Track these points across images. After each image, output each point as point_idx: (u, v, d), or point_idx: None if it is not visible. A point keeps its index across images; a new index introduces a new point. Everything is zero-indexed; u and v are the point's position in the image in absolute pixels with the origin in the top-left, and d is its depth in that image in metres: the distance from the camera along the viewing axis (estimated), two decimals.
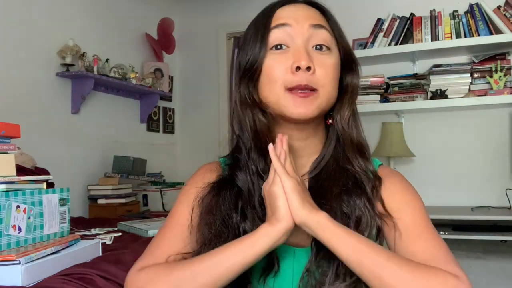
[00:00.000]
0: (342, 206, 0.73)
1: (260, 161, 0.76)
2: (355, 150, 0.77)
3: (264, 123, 0.75)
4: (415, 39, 2.79)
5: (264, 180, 0.74)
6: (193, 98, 3.75)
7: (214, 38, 3.67)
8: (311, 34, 0.74)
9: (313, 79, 0.71)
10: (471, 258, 2.70)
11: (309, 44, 0.74)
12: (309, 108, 0.72)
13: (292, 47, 0.73)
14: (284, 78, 0.72)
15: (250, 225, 0.72)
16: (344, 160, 0.77)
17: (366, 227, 0.71)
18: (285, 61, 0.72)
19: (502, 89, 2.60)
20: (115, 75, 2.90)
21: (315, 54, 0.73)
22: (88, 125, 2.84)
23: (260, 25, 0.76)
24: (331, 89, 0.74)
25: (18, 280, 0.89)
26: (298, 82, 0.71)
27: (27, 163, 1.88)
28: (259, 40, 0.75)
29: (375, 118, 2.92)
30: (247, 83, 0.77)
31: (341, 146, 0.78)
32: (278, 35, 0.74)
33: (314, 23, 0.74)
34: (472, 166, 2.82)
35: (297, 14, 0.75)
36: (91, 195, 2.73)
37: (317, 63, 0.72)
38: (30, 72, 2.47)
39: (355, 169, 0.76)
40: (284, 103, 0.72)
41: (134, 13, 3.33)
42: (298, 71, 0.71)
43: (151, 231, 1.59)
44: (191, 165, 4.08)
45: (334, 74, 0.74)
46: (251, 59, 0.75)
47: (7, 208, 0.96)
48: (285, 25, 0.74)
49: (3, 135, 1.05)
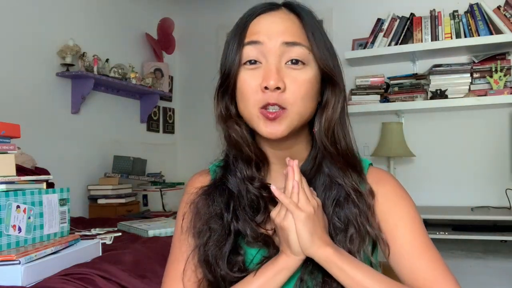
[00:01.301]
0: (334, 221, 0.73)
1: (246, 169, 0.77)
2: (345, 164, 0.76)
3: (240, 134, 0.76)
4: (415, 39, 2.79)
5: (252, 185, 0.75)
6: (193, 98, 3.75)
7: (214, 38, 3.66)
8: (283, 51, 0.71)
9: (282, 97, 0.70)
10: (471, 258, 2.70)
11: (283, 60, 0.71)
12: (278, 129, 0.71)
13: (264, 64, 0.72)
14: (255, 98, 0.71)
15: (242, 225, 0.74)
16: (335, 174, 0.76)
17: (360, 243, 0.71)
18: (256, 78, 0.71)
19: (502, 89, 2.60)
20: (115, 75, 2.90)
21: (287, 70, 0.71)
22: (88, 125, 2.84)
23: (237, 32, 0.75)
24: (302, 106, 0.72)
25: (18, 280, 0.89)
26: (266, 101, 0.70)
27: (27, 163, 1.88)
28: (234, 52, 0.73)
29: (375, 118, 2.92)
30: (223, 95, 0.77)
31: (329, 159, 0.76)
32: (251, 52, 0.72)
33: (287, 40, 0.71)
34: (472, 166, 2.82)
35: (270, 29, 0.72)
36: (91, 195, 2.73)
37: (289, 80, 0.71)
38: (30, 72, 2.47)
39: (345, 184, 0.74)
40: (256, 122, 0.72)
41: (134, 13, 3.33)
42: (267, 90, 0.70)
43: (151, 231, 1.59)
44: (191, 165, 4.09)
45: (307, 90, 0.72)
46: (227, 71, 0.75)
47: (7, 208, 0.96)
48: (257, 42, 0.72)
49: (3, 135, 1.05)
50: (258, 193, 0.75)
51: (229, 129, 0.76)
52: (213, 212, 0.76)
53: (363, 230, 0.72)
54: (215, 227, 0.74)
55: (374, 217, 0.74)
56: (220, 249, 0.73)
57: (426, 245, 0.72)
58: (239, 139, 0.76)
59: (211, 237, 0.74)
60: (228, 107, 0.76)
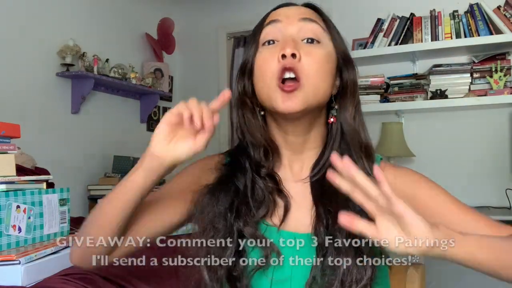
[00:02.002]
0: (349, 210, 0.72)
1: (256, 155, 0.78)
2: (362, 151, 0.76)
3: (253, 123, 0.77)
4: (415, 39, 2.79)
5: (259, 175, 0.76)
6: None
7: (214, 38, 3.66)
8: (300, 27, 0.75)
9: (298, 65, 0.71)
10: None
11: (299, 36, 0.74)
12: (293, 101, 0.71)
13: (281, 39, 0.74)
14: (272, 69, 0.72)
15: (242, 223, 0.73)
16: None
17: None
18: (274, 54, 0.73)
19: (502, 89, 2.60)
20: (115, 75, 2.90)
21: (304, 45, 0.74)
22: (88, 125, 2.84)
23: (257, 25, 0.79)
24: (318, 81, 0.73)
25: (18, 280, 0.89)
26: (284, 65, 0.71)
27: (27, 163, 1.88)
28: (253, 40, 0.78)
29: (375, 118, 2.92)
30: (241, 79, 0.79)
31: (346, 146, 0.77)
32: (269, 31, 0.76)
33: (304, 16, 0.75)
34: (472, 166, 2.82)
35: (288, 11, 0.77)
36: (91, 195, 2.73)
37: (304, 52, 0.72)
38: (30, 72, 2.47)
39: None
40: (274, 98, 0.73)
41: (134, 13, 3.33)
42: (283, 59, 0.71)
43: None
44: None
45: (322, 65, 0.73)
46: (245, 58, 0.78)
47: (7, 208, 0.96)
48: (276, 21, 0.76)
49: (3, 135, 1.05)
50: (263, 184, 0.76)
51: (245, 115, 0.78)
52: (217, 212, 0.75)
53: None
54: (220, 226, 0.74)
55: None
56: (222, 250, 0.72)
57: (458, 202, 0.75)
58: (254, 125, 0.77)
59: (215, 237, 0.73)
60: (245, 91, 0.78)
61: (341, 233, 0.70)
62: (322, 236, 0.71)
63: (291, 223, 0.75)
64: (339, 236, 0.69)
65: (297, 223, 0.75)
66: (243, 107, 0.79)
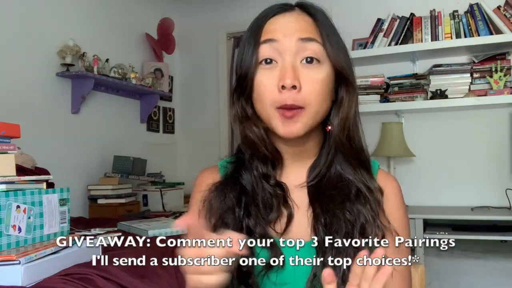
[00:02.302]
0: (345, 213, 0.73)
1: (262, 167, 0.77)
2: (357, 162, 0.77)
3: (257, 134, 0.77)
4: (415, 39, 2.79)
5: (268, 183, 0.76)
6: (193, 98, 3.75)
7: (214, 38, 3.66)
8: (299, 48, 0.72)
9: (299, 97, 0.71)
10: (471, 258, 2.70)
11: (298, 58, 0.72)
12: (294, 127, 0.72)
13: (280, 63, 0.73)
14: (272, 97, 0.72)
15: (254, 222, 0.73)
16: (346, 171, 0.77)
17: (370, 235, 0.71)
18: (273, 78, 0.72)
19: (502, 89, 2.60)
20: (115, 75, 2.90)
21: (303, 69, 0.72)
22: (88, 125, 2.84)
23: (252, 33, 0.76)
24: (318, 106, 0.73)
25: (18, 280, 0.89)
26: (284, 102, 0.71)
27: (27, 163, 1.88)
28: (250, 52, 0.75)
29: (375, 118, 2.92)
30: (239, 97, 0.78)
31: (342, 156, 0.78)
32: (267, 50, 0.73)
33: (302, 36, 0.73)
34: (472, 166, 2.82)
35: (285, 27, 0.74)
36: (91, 195, 2.73)
37: (304, 80, 0.72)
38: (30, 72, 2.47)
39: (357, 180, 0.76)
40: (274, 122, 0.73)
41: (134, 13, 3.33)
42: (284, 90, 0.71)
43: (151, 231, 1.59)
44: (191, 165, 4.08)
45: (322, 89, 0.73)
46: (243, 72, 0.75)
47: (7, 208, 0.96)
48: (273, 40, 0.73)
49: (3, 135, 1.05)
50: (273, 191, 0.76)
51: (246, 130, 0.77)
52: (225, 207, 0.76)
53: (374, 224, 0.73)
54: (229, 221, 0.74)
55: (383, 212, 0.76)
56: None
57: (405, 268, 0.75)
58: (256, 139, 0.77)
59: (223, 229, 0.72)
60: (244, 108, 0.77)
61: (339, 233, 0.70)
62: (321, 235, 0.71)
63: (292, 232, 0.76)
64: (337, 236, 0.70)
65: (297, 231, 0.75)
66: (243, 123, 0.78)
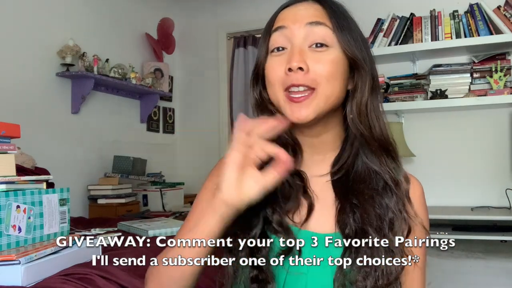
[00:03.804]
0: (375, 207, 0.72)
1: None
2: (378, 147, 0.75)
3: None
4: (415, 39, 2.79)
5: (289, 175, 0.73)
6: (193, 98, 3.75)
7: (214, 38, 3.66)
8: (307, 33, 0.72)
9: (308, 77, 0.70)
10: (471, 258, 2.70)
11: (306, 42, 0.72)
12: (303, 112, 0.71)
13: (289, 49, 0.73)
14: (280, 81, 0.72)
15: (271, 211, 0.72)
16: (372, 160, 0.76)
17: (399, 229, 0.71)
18: (282, 63, 0.72)
19: (502, 89, 2.60)
20: (115, 75, 2.90)
21: (311, 53, 0.72)
22: (88, 125, 2.84)
23: (266, 26, 0.78)
24: (328, 87, 0.71)
25: (18, 280, 0.89)
26: (291, 82, 0.71)
27: (27, 163, 1.88)
28: (262, 44, 0.77)
29: None
30: (255, 86, 0.79)
31: (365, 144, 0.76)
32: (277, 38, 0.74)
33: (311, 20, 0.73)
34: (472, 166, 2.82)
35: (296, 14, 0.74)
36: (91, 195, 2.73)
37: (313, 61, 0.71)
38: (30, 72, 2.47)
39: (384, 171, 0.75)
40: (283, 107, 0.73)
41: (134, 13, 3.33)
42: (290, 72, 0.70)
43: (151, 231, 1.59)
44: (191, 165, 4.08)
45: (331, 70, 0.72)
46: (257, 61, 0.78)
47: (7, 208, 0.96)
48: (283, 27, 0.74)
49: (3, 135, 1.05)
50: (291, 180, 0.75)
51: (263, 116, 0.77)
52: None
53: (401, 217, 0.72)
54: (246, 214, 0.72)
55: (411, 204, 0.75)
56: (247, 234, 0.71)
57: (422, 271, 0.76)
58: None
59: (238, 221, 0.70)
60: (261, 95, 0.78)
61: (371, 227, 0.70)
62: (352, 227, 0.71)
63: (312, 223, 0.74)
64: (371, 229, 0.70)
65: (317, 223, 0.75)
66: (263, 112, 0.78)
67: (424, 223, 0.76)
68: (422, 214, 0.77)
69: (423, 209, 0.79)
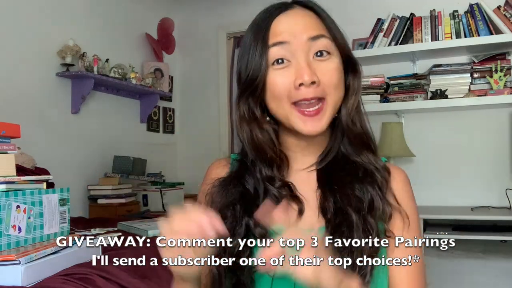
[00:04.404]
0: (354, 190, 0.74)
1: (267, 170, 0.77)
2: (362, 144, 0.78)
3: (262, 139, 0.76)
4: (415, 39, 2.79)
5: (273, 185, 0.75)
6: (193, 98, 3.74)
7: (214, 38, 3.66)
8: (310, 46, 0.73)
9: (318, 90, 0.72)
10: (471, 258, 2.69)
11: (310, 54, 0.73)
12: (317, 125, 0.72)
13: (293, 62, 0.73)
14: (289, 95, 0.72)
15: (253, 222, 0.73)
16: (352, 153, 0.78)
17: (379, 212, 0.72)
18: (287, 77, 0.72)
19: (502, 89, 2.60)
20: (115, 75, 2.90)
21: (316, 63, 0.73)
22: (88, 125, 2.84)
23: (258, 35, 0.75)
24: (337, 94, 0.74)
25: (18, 280, 0.89)
26: (303, 96, 0.71)
27: (27, 163, 1.88)
28: (258, 55, 0.74)
29: (375, 118, 2.92)
30: (247, 98, 0.76)
31: (347, 140, 0.79)
32: (277, 52, 0.73)
33: (312, 35, 0.73)
34: (472, 166, 2.82)
35: (293, 27, 0.74)
36: (91, 195, 2.73)
37: (320, 72, 0.72)
38: (30, 72, 2.47)
39: (363, 161, 0.77)
40: (293, 120, 0.73)
41: (134, 13, 3.33)
42: (301, 87, 0.71)
43: (151, 231, 1.59)
44: (191, 165, 4.08)
45: (337, 78, 0.74)
46: (252, 74, 0.74)
47: (7, 208, 0.96)
48: (283, 43, 0.73)
49: (3, 135, 1.05)
50: (278, 193, 0.75)
51: (253, 132, 0.77)
52: (226, 202, 0.76)
53: (382, 202, 0.73)
54: (228, 215, 0.74)
55: (391, 192, 0.76)
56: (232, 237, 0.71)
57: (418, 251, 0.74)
58: (264, 141, 0.76)
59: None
60: (252, 109, 0.77)
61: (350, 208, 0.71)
62: (331, 210, 0.72)
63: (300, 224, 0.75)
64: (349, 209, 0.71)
65: (304, 221, 0.75)
66: (250, 124, 0.77)
67: (409, 211, 0.76)
68: (406, 202, 0.77)
69: (407, 197, 0.78)
